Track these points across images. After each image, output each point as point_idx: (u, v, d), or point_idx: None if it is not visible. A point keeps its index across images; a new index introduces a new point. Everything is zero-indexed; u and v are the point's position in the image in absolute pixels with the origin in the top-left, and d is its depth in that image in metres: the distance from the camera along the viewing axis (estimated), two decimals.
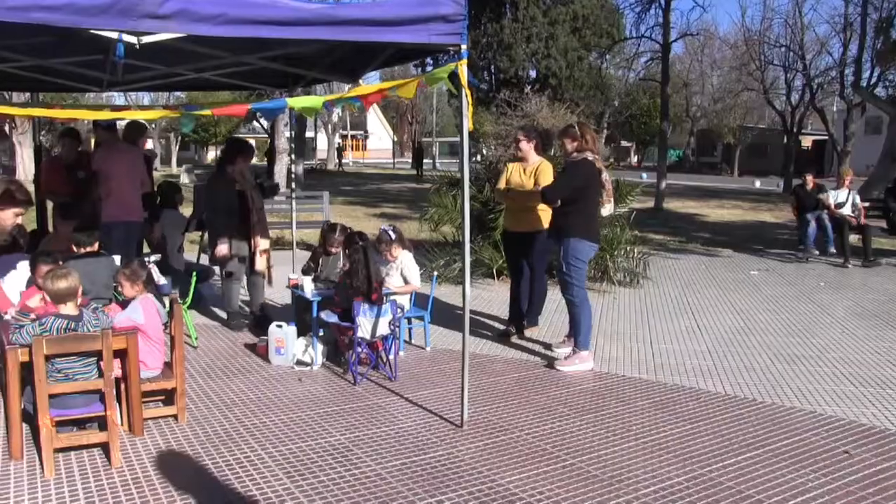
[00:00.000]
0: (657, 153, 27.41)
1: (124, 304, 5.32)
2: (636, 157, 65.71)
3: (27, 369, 4.35)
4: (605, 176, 6.56)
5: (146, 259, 6.13)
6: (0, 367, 4.91)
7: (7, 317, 5.05)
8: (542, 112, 10.63)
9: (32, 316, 4.69)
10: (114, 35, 4.03)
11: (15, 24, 3.70)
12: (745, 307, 8.97)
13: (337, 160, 53.44)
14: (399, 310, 6.37)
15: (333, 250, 6.97)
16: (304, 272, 6.99)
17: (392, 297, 6.42)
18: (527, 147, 7.14)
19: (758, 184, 37.46)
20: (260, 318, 7.52)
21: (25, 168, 25.72)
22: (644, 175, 32.36)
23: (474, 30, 29.58)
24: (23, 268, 6.02)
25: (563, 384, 6.05)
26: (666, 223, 18.75)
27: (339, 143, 56.70)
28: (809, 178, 13.21)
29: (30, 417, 4.58)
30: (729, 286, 10.38)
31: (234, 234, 7.28)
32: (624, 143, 63.83)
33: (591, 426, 5.11)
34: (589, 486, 4.21)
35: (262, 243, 7.40)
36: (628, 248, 10.50)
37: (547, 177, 6.97)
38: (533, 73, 30.69)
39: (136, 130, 8.21)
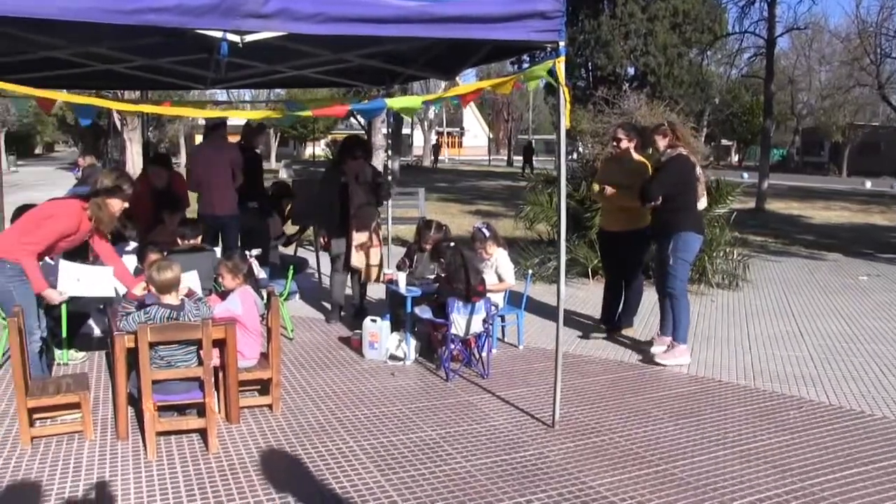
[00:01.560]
0: (759, 152, 26.55)
1: (223, 294, 5.48)
2: (737, 156, 63.85)
3: (133, 355, 4.54)
4: (699, 171, 6.47)
5: (248, 252, 6.29)
6: (109, 352, 5.14)
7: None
8: (640, 110, 10.43)
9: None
10: (218, 34, 4.15)
11: (129, 26, 3.89)
12: (852, 313, 8.60)
13: (433, 157, 53.67)
14: (493, 307, 6.35)
15: (428, 247, 7.00)
16: (399, 268, 7.06)
17: (486, 295, 6.40)
18: (627, 145, 7.02)
19: (868, 184, 35.88)
20: (358, 310, 7.67)
21: (134, 163, 26.79)
22: (745, 175, 31.45)
23: (572, 27, 29.34)
24: (128, 258, 6.28)
25: (657, 387, 5.92)
26: (767, 224, 18.16)
27: (435, 141, 56.95)
28: None
29: (135, 401, 4.78)
30: (834, 290, 9.98)
31: (334, 228, 7.44)
32: (724, 142, 62.14)
33: (685, 432, 4.99)
34: (681, 492, 4.10)
35: (357, 238, 7.50)
36: (727, 250, 10.21)
37: (644, 176, 6.83)
38: (631, 71, 30.23)
39: (251, 131, 8.69)
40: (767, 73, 23.95)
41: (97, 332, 7.09)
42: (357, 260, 7.54)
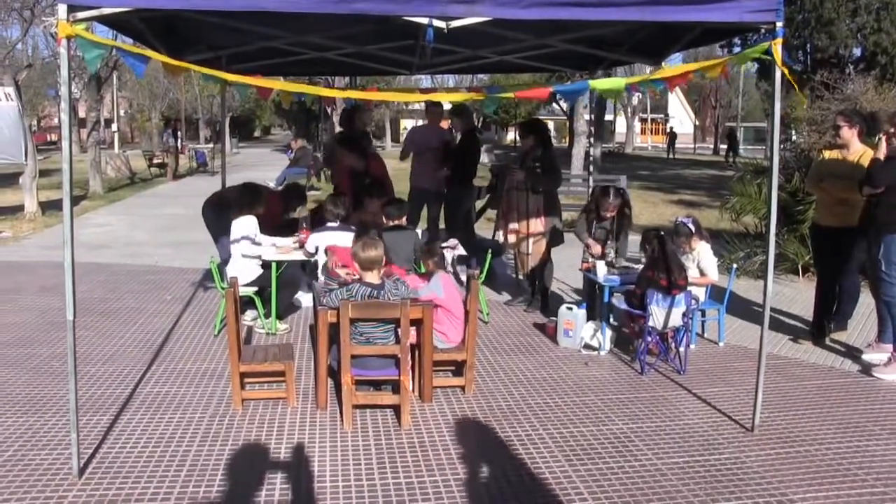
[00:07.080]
0: None
1: (425, 275, 5.64)
2: None
3: (335, 330, 4.77)
4: None
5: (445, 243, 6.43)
6: (312, 326, 5.42)
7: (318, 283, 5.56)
8: (866, 94, 9.63)
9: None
10: (424, 21, 4.23)
11: (341, 15, 4.07)
12: None
13: (668, 147, 50.20)
14: (693, 301, 6.11)
15: (607, 215, 6.89)
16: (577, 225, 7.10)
17: (687, 288, 6.17)
18: (848, 134, 6.46)
19: None
20: (529, 300, 7.72)
21: None
22: None
23: (789, 6, 27.45)
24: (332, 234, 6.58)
25: (873, 399, 5.45)
26: None
27: (671, 130, 53.84)
28: None
29: (334, 374, 5.02)
30: None
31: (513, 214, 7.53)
32: None
33: None
34: None
35: (507, 221, 7.53)
36: None
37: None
38: (857, 51, 27.84)
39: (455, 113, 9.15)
40: None
41: (302, 305, 7.51)
42: (530, 246, 7.53)
